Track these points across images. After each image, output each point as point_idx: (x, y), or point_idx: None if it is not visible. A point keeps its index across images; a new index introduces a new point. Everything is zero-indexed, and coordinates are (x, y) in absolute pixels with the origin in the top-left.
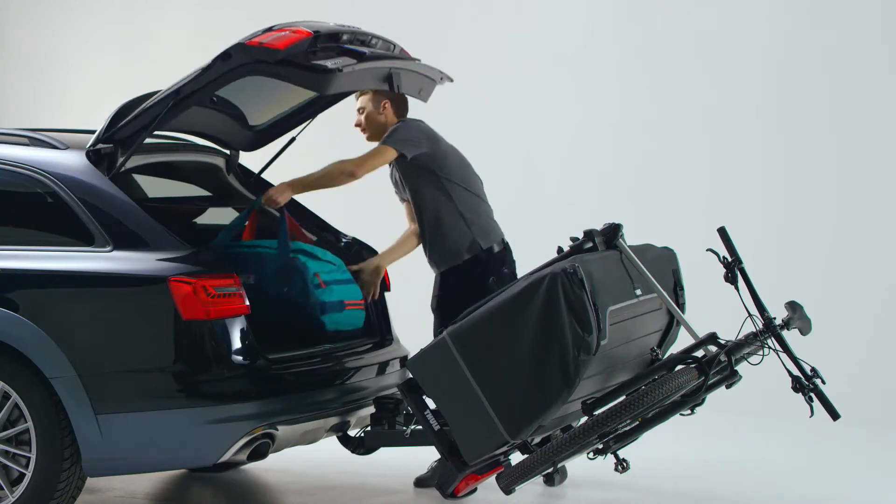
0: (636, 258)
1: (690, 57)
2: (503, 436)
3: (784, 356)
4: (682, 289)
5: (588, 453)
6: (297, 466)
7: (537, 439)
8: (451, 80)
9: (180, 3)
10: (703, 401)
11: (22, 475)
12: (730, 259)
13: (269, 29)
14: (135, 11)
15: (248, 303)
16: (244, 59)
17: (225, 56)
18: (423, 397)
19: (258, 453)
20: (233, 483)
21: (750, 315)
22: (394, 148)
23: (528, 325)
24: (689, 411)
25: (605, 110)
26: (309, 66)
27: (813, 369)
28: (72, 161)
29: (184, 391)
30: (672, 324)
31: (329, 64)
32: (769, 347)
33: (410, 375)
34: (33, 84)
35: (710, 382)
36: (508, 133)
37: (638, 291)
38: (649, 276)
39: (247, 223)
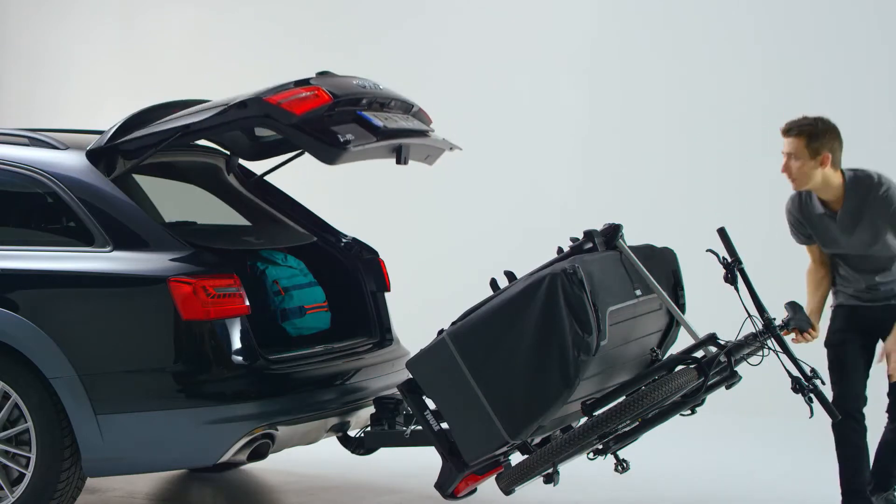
0: (636, 259)
1: (691, 58)
2: (503, 436)
3: (784, 357)
4: (682, 289)
5: (588, 454)
6: (297, 466)
7: (537, 440)
8: (461, 149)
9: (180, 3)
10: (703, 401)
11: (22, 475)
12: (729, 260)
13: (293, 85)
14: (135, 11)
15: (247, 303)
16: (258, 113)
17: (241, 105)
18: (423, 398)
19: (258, 453)
20: (233, 483)
21: (750, 316)
22: None
23: (527, 325)
24: (689, 411)
25: (606, 112)
26: (319, 135)
27: (812, 370)
28: (72, 161)
29: (184, 391)
30: (672, 324)
31: (340, 137)
32: (769, 348)
33: (410, 376)
34: (33, 84)
35: (709, 383)
36: (510, 135)
37: (638, 292)
38: (649, 276)
39: None
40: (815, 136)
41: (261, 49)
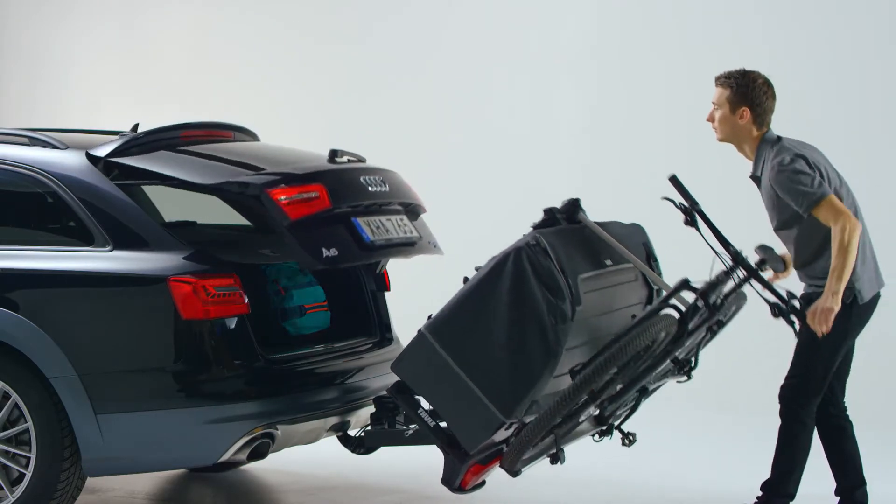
0: (598, 227)
1: (693, 57)
2: (497, 417)
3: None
4: (655, 260)
5: (593, 435)
6: (297, 466)
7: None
8: (441, 253)
9: (180, 2)
10: (696, 363)
11: (22, 475)
12: (686, 204)
13: (298, 180)
14: (135, 11)
15: (247, 302)
16: (255, 195)
17: (243, 184)
18: (415, 396)
19: (258, 453)
20: (233, 483)
21: (717, 253)
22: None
23: (501, 303)
24: (684, 377)
25: (607, 111)
26: (305, 243)
27: (789, 293)
28: (72, 161)
29: (184, 391)
30: (653, 295)
31: (324, 252)
32: (742, 281)
33: (398, 378)
34: (33, 84)
35: (691, 327)
36: (510, 134)
37: (608, 262)
38: (612, 240)
39: None
40: (739, 88)
41: (261, 48)
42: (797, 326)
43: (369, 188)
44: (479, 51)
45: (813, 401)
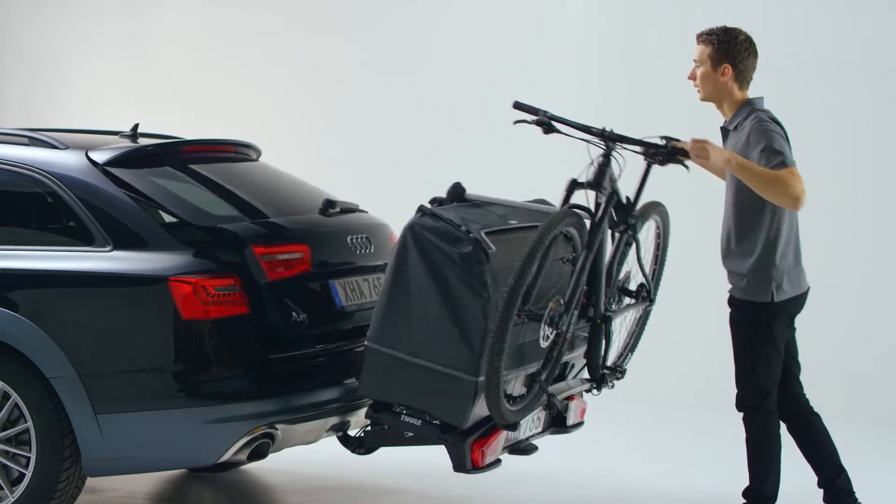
0: (489, 196)
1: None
2: (469, 380)
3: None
4: None
5: (591, 390)
6: (297, 466)
7: (522, 390)
8: None
9: (180, 3)
10: (651, 286)
11: (22, 475)
12: (537, 117)
13: (284, 240)
14: (135, 11)
15: (248, 302)
16: (238, 247)
17: (231, 233)
18: (393, 409)
19: (258, 453)
20: (233, 483)
21: (587, 140)
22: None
23: (419, 279)
24: (647, 303)
25: (609, 109)
26: (278, 302)
27: (664, 138)
28: (72, 161)
29: (184, 391)
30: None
31: (293, 315)
32: (616, 152)
33: (370, 401)
34: (33, 84)
35: (599, 216)
36: (510, 133)
37: (513, 221)
38: (506, 199)
39: None
40: (721, 45)
41: (261, 48)
42: (686, 164)
43: (354, 250)
44: (479, 50)
45: (767, 401)
